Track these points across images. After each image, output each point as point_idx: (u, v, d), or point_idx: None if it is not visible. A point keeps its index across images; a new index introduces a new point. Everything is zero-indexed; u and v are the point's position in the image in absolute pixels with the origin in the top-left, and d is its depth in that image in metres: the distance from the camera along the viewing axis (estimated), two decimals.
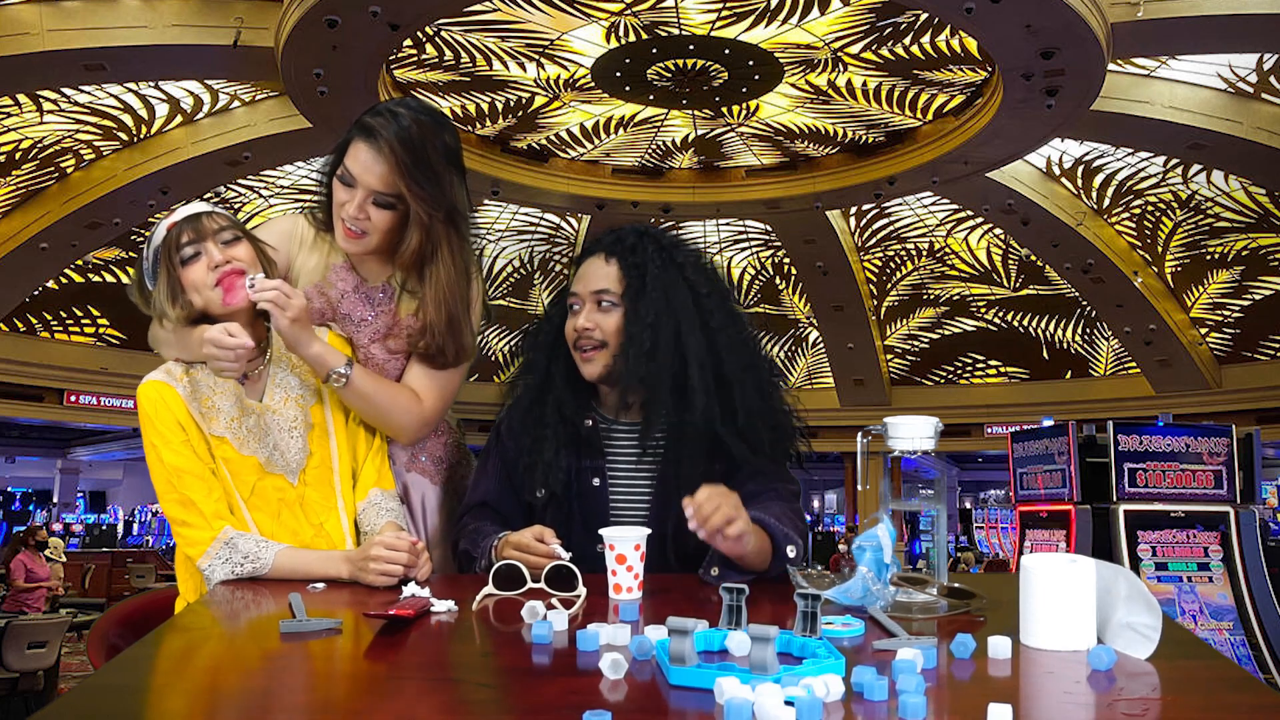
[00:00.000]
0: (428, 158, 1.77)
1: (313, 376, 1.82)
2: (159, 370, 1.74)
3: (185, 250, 1.70)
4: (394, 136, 1.74)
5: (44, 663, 6.27)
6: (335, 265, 1.92)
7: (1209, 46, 10.04)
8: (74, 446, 23.24)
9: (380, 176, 1.75)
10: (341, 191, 1.80)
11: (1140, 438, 5.51)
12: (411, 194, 1.76)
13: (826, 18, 10.24)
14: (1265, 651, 5.21)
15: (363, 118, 1.80)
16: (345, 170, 1.78)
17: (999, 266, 16.54)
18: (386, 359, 1.91)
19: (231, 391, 1.74)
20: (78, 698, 1.06)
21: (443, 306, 1.82)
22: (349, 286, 1.91)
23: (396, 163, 1.74)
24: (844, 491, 24.01)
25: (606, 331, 1.75)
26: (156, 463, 1.67)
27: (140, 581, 12.73)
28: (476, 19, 10.19)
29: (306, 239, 1.95)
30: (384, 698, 1.01)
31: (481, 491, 1.85)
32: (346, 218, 1.79)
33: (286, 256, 1.92)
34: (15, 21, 9.50)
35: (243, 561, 1.62)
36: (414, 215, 1.78)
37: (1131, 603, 1.10)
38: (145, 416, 1.69)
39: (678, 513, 1.72)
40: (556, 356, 1.80)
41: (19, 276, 13.90)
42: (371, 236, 1.81)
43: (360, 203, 1.77)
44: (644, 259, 1.76)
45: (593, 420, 1.80)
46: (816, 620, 1.09)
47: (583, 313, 1.76)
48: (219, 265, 1.69)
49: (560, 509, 1.75)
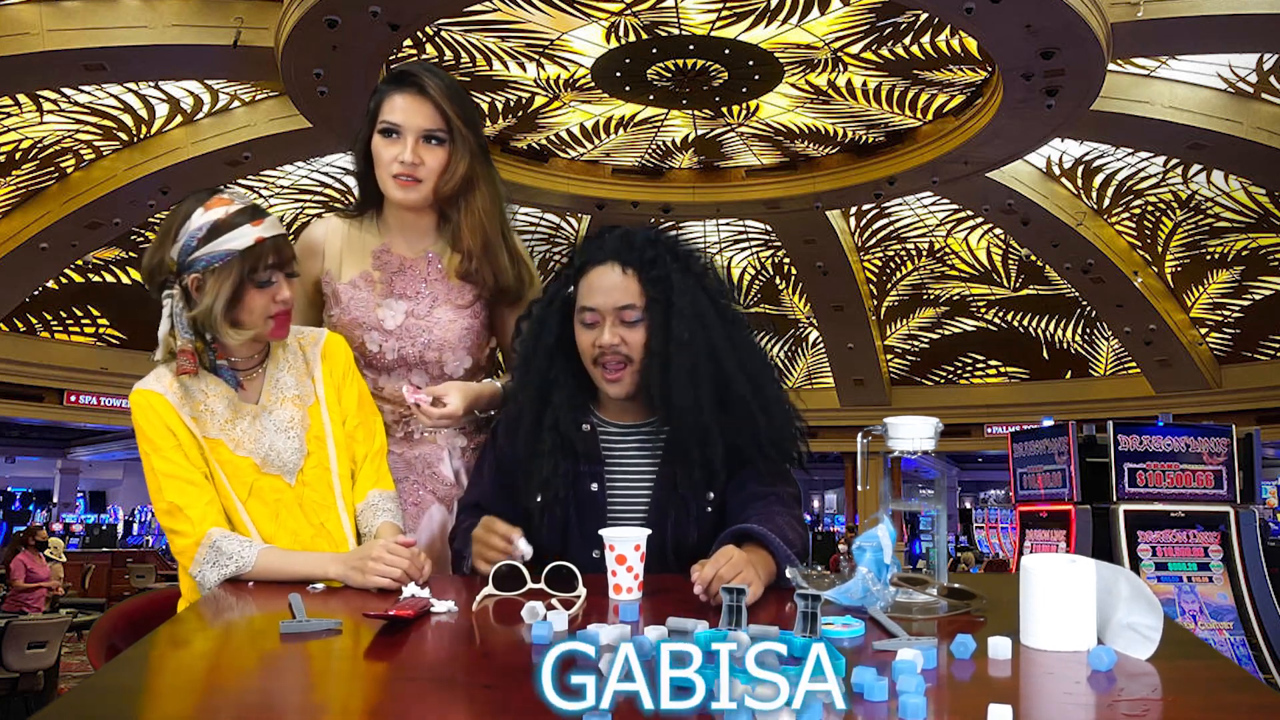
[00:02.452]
0: (463, 92, 1.93)
1: (309, 377, 1.81)
2: (149, 377, 1.72)
3: (264, 274, 1.66)
4: (429, 74, 1.88)
5: (44, 663, 6.27)
6: (374, 250, 1.98)
7: (1209, 46, 10.04)
8: (74, 446, 23.24)
9: (427, 115, 1.86)
10: (387, 148, 1.88)
11: (1140, 438, 5.50)
12: (460, 119, 1.88)
13: (826, 18, 10.24)
14: (1265, 651, 5.21)
15: (391, 73, 1.92)
16: (386, 124, 1.87)
17: (999, 266, 16.54)
18: (455, 317, 1.97)
19: (224, 394, 1.73)
20: (78, 698, 1.06)
21: (478, 232, 1.93)
22: (394, 266, 1.97)
23: (440, 95, 1.86)
24: (844, 491, 24.01)
25: (633, 347, 1.70)
26: (149, 470, 1.68)
27: (140, 581, 12.73)
28: (476, 19, 10.19)
29: (341, 237, 2.00)
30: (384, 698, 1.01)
31: (476, 493, 1.85)
32: (402, 165, 1.87)
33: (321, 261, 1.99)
34: (15, 21, 9.50)
35: (227, 562, 1.61)
36: (461, 142, 1.89)
37: (1133, 603, 1.10)
38: (136, 423, 1.69)
39: (677, 513, 1.72)
40: (557, 361, 1.76)
41: (19, 276, 13.91)
42: (426, 182, 1.89)
43: (413, 145, 1.86)
44: (665, 271, 1.71)
45: (590, 425, 1.78)
46: (816, 620, 1.09)
47: (605, 328, 1.69)
48: (282, 301, 1.70)
49: (557, 514, 1.74)
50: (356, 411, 1.84)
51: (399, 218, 1.98)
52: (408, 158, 1.85)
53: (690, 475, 1.71)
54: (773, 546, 1.52)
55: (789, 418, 1.76)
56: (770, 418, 1.71)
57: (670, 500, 1.73)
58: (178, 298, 1.67)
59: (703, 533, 1.70)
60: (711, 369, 1.68)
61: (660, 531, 1.70)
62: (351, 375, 1.86)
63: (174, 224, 1.67)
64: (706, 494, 1.72)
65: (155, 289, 1.70)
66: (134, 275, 15.68)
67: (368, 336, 1.95)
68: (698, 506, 1.72)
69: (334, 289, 1.97)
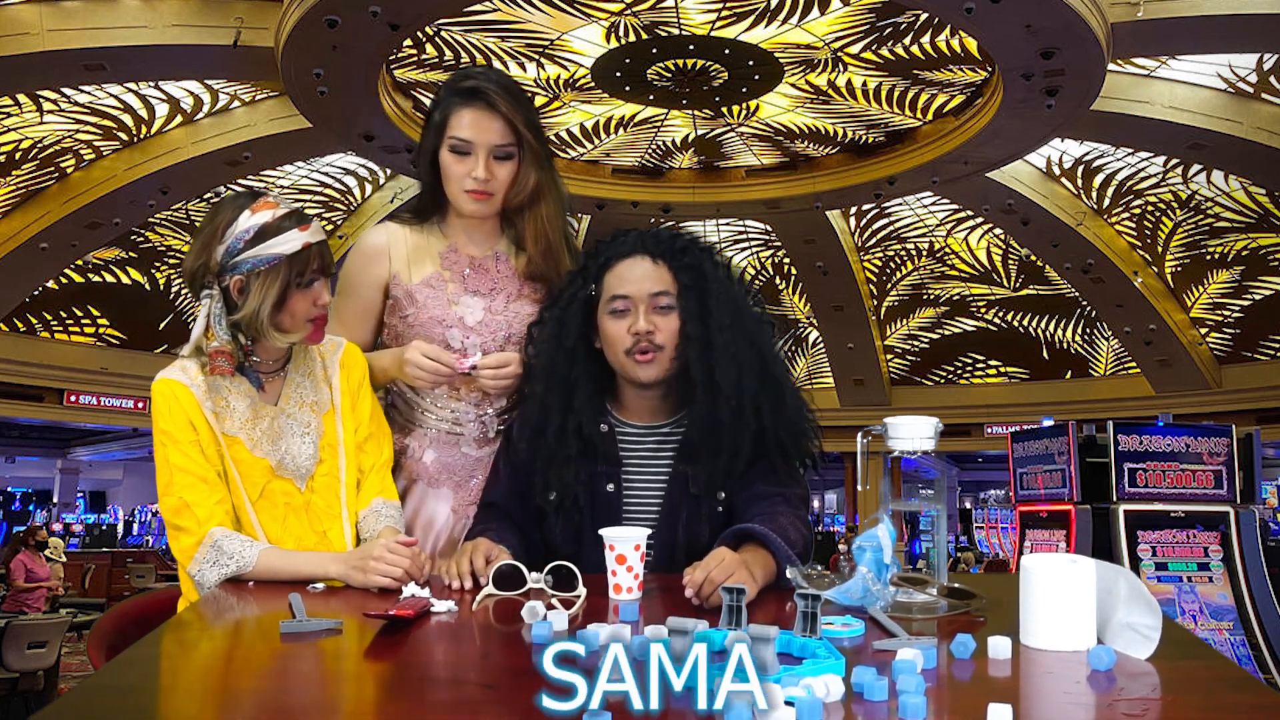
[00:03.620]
0: (527, 98, 1.95)
1: (326, 384, 1.81)
2: (174, 366, 1.71)
3: (308, 277, 1.68)
4: (498, 87, 1.88)
5: (44, 663, 6.27)
6: (440, 252, 1.99)
7: (1209, 46, 10.04)
8: (74, 446, 23.23)
9: (497, 130, 1.88)
10: (458, 163, 1.89)
11: (1140, 438, 5.50)
12: (530, 132, 1.90)
13: (826, 18, 10.24)
14: (1265, 651, 5.21)
15: (455, 87, 1.91)
16: (456, 140, 1.88)
17: (999, 266, 16.54)
18: (534, 311, 1.98)
19: (246, 392, 1.73)
20: (78, 698, 1.06)
21: (542, 239, 1.96)
22: (464, 266, 1.99)
23: (510, 110, 1.87)
24: (844, 491, 24.00)
25: (667, 334, 1.72)
26: (163, 462, 1.66)
27: (140, 581, 12.73)
28: (476, 19, 10.18)
29: (405, 241, 2.00)
30: (384, 698, 1.01)
31: (493, 493, 1.85)
32: (475, 182, 1.88)
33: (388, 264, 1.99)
34: (15, 21, 9.50)
35: (228, 562, 1.61)
36: (531, 154, 1.92)
37: (1132, 603, 1.10)
38: (157, 411, 1.69)
39: (689, 513, 1.73)
40: (578, 362, 1.77)
41: (19, 276, 13.90)
42: (497, 195, 1.92)
43: (485, 162, 1.88)
44: (698, 260, 1.75)
45: (608, 425, 1.78)
46: (816, 620, 1.09)
47: (640, 315, 1.72)
48: (321, 306, 1.72)
49: (572, 514, 1.74)
50: (369, 422, 1.85)
51: (464, 222, 2.00)
52: (481, 174, 1.88)
53: (703, 475, 1.72)
54: (773, 546, 1.52)
55: (806, 410, 1.80)
56: (797, 406, 1.76)
57: (683, 500, 1.74)
58: (217, 299, 1.68)
59: (714, 532, 1.71)
60: (752, 352, 1.71)
61: (672, 532, 1.72)
62: (366, 386, 1.86)
63: (219, 226, 1.67)
64: (718, 494, 1.72)
65: (195, 290, 1.70)
66: (134, 275, 15.71)
67: (449, 334, 1.95)
68: (709, 506, 1.73)
69: (407, 290, 1.97)
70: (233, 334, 1.68)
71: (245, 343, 1.70)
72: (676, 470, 1.75)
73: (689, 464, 1.73)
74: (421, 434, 1.98)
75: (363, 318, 2.00)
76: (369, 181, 14.44)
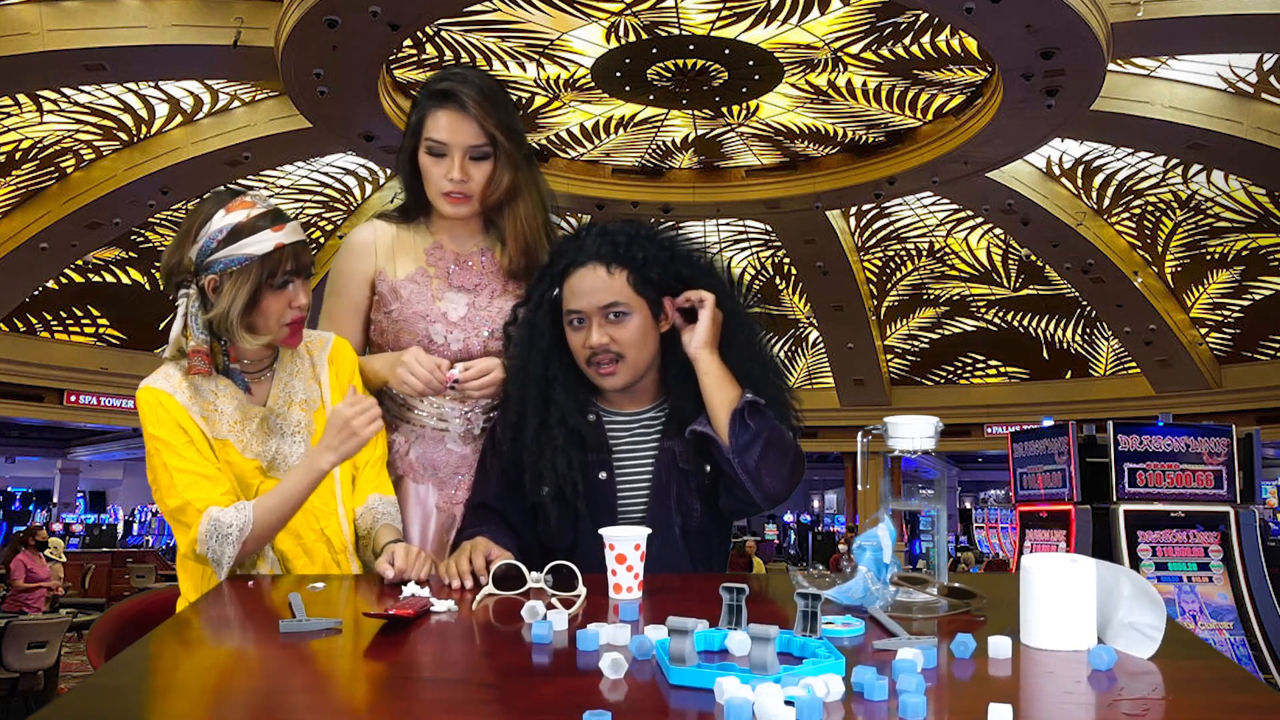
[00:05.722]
0: (504, 99, 1.94)
1: (316, 381, 1.80)
2: (157, 374, 1.70)
3: (281, 278, 1.66)
4: (472, 89, 1.87)
5: (44, 663, 6.27)
6: (427, 248, 2.00)
7: (1209, 46, 10.04)
8: (74, 446, 23.24)
9: (471, 132, 1.87)
10: (435, 165, 1.90)
11: (1140, 438, 5.50)
12: (503, 134, 1.89)
13: (826, 18, 10.24)
14: (1265, 651, 5.21)
15: (430, 88, 1.91)
16: (432, 142, 1.89)
17: (999, 266, 16.54)
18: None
19: (233, 395, 1.72)
20: (78, 698, 1.06)
21: (521, 238, 1.97)
22: (450, 263, 2.00)
23: (483, 111, 1.87)
24: (844, 491, 24.00)
25: (624, 344, 1.73)
26: (161, 467, 1.64)
27: (140, 581, 12.72)
28: (476, 19, 10.18)
29: (390, 237, 2.02)
30: (384, 697, 1.01)
31: (482, 494, 1.84)
32: (450, 183, 1.89)
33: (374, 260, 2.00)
34: (15, 21, 9.50)
35: (229, 531, 1.59)
36: (505, 155, 1.91)
37: (1135, 601, 1.10)
38: (144, 420, 1.67)
39: (679, 488, 1.77)
40: (553, 360, 1.78)
41: (19, 276, 13.90)
42: (474, 197, 1.92)
43: (460, 164, 1.88)
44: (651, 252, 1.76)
45: (595, 415, 1.80)
46: (816, 620, 1.09)
47: (591, 329, 1.72)
48: (298, 308, 1.69)
49: (567, 506, 1.75)
50: None
51: (448, 221, 2.01)
52: (456, 175, 1.88)
53: (691, 448, 1.75)
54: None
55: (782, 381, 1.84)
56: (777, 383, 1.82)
57: (672, 475, 1.77)
58: (193, 298, 1.65)
59: (706, 505, 1.77)
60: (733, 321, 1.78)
61: (665, 509, 1.75)
62: (357, 380, 1.85)
63: (194, 224, 1.66)
64: (705, 465, 1.76)
65: (171, 288, 1.68)
66: (134, 275, 15.71)
67: (432, 329, 1.95)
68: (697, 480, 1.77)
69: (391, 285, 1.98)
70: (212, 334, 1.66)
71: (224, 343, 1.68)
72: (663, 447, 1.78)
73: (674, 440, 1.77)
74: (408, 429, 1.98)
75: (353, 315, 2.00)
76: (369, 181, 14.44)
